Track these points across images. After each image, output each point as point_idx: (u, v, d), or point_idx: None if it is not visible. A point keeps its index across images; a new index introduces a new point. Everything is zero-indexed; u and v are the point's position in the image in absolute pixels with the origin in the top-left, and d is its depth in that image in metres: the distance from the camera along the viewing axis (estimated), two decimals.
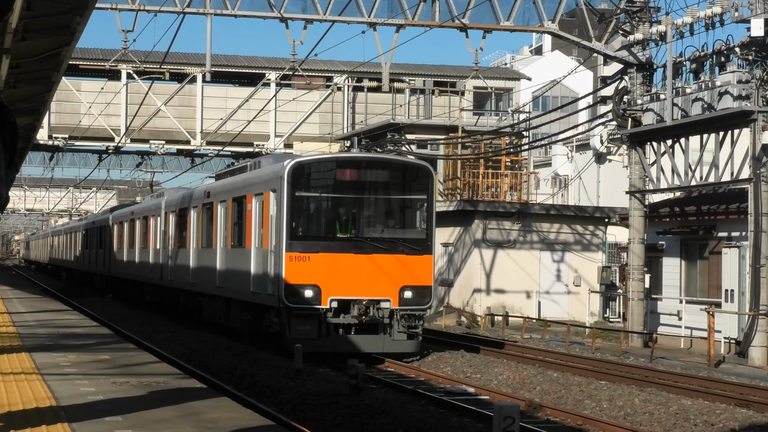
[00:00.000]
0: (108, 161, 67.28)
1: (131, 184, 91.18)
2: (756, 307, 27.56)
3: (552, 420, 17.71)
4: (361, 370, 18.80)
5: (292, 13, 32.31)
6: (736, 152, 28.91)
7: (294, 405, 17.45)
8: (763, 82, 27.78)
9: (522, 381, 21.65)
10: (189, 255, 34.18)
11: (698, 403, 18.76)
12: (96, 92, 48.60)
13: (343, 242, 24.50)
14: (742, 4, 28.27)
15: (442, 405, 18.74)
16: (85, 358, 17.59)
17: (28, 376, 14.71)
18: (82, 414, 11.32)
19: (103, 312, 39.53)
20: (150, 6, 31.98)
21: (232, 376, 21.20)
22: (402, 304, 24.35)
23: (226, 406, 12.44)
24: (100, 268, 56.26)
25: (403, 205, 25.52)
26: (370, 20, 32.29)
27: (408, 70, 54.41)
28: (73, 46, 18.29)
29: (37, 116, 26.88)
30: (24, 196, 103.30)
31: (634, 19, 32.68)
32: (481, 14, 32.75)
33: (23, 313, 29.97)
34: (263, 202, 26.05)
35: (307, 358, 22.52)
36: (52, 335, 22.57)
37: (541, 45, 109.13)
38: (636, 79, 32.71)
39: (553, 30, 33.17)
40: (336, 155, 27.75)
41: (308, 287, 24.07)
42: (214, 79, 50.74)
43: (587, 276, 40.29)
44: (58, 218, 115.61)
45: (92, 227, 60.43)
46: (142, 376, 14.97)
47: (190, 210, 34.47)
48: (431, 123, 49.47)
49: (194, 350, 25.84)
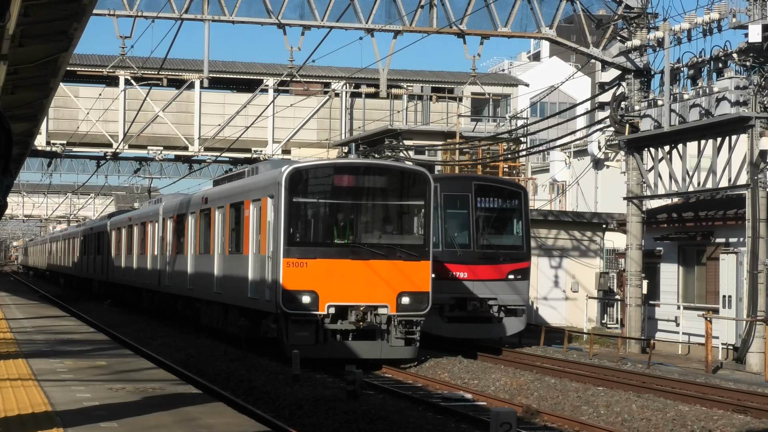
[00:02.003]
0: (106, 167, 67.28)
1: (129, 190, 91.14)
2: (754, 313, 27.55)
3: (549, 426, 17.70)
4: (358, 375, 18.78)
5: (289, 19, 32.30)
6: (734, 158, 28.92)
7: (291, 411, 17.43)
8: (760, 88, 27.79)
9: (519, 387, 21.64)
10: (187, 261, 34.16)
11: (696, 409, 18.75)
12: (94, 98, 48.62)
13: (341, 248, 24.50)
14: (739, 10, 28.29)
15: (439, 411, 18.72)
16: (81, 364, 17.58)
17: (25, 382, 14.70)
18: (78, 420, 11.31)
19: (101, 318, 39.50)
20: (148, 12, 31.96)
21: (230, 381, 21.18)
22: (399, 310, 24.36)
23: (223, 412, 12.44)
24: (98, 274, 56.21)
25: (400, 211, 25.55)
26: (367, 26, 32.29)
27: (406, 76, 54.45)
28: (70, 52, 18.28)
29: (35, 122, 26.85)
30: (22, 202, 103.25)
31: (631, 25, 32.69)
32: (479, 20, 32.75)
33: (21, 319, 29.96)
34: (261, 208, 26.05)
35: (305, 364, 22.49)
36: (49, 341, 22.56)
37: (539, 51, 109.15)
38: (633, 85, 32.73)
39: (550, 36, 33.18)
40: (334, 161, 27.78)
41: (306, 293, 24.06)
42: (212, 85, 50.81)
43: (585, 282, 40.26)
44: (56, 224, 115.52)
45: (90, 233, 60.39)
46: (138, 382, 14.97)
47: (187, 216, 34.46)
48: (429, 129, 49.48)
49: (191, 356, 25.82)
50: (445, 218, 29.91)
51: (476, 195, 30.19)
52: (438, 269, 27.28)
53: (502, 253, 30.05)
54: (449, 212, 30.14)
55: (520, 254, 30.40)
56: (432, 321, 27.44)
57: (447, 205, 30.03)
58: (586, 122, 54.09)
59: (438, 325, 28.92)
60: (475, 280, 29.52)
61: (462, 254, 29.61)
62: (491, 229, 30.57)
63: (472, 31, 32.67)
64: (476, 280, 29.53)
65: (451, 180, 32.57)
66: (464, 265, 29.52)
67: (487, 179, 33.44)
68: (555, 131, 52.58)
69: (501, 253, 30.00)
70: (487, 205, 30.43)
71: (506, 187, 31.66)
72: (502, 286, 29.76)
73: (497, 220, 30.80)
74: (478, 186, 30.55)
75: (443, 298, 28.59)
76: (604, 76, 50.86)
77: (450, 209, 30.17)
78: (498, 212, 30.74)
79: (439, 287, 27.04)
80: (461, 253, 29.59)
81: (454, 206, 30.24)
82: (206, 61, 34.74)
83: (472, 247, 29.81)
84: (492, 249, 30.04)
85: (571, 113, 55.58)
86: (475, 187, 30.36)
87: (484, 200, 30.37)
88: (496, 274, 29.77)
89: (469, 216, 30.06)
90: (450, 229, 30.04)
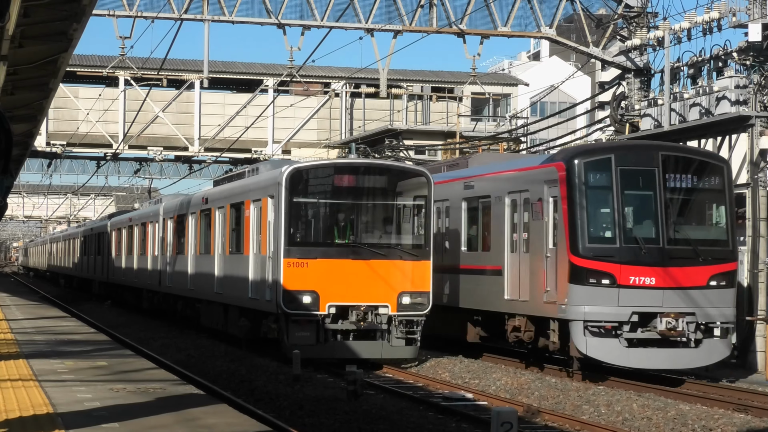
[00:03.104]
0: (106, 168, 67.34)
1: (129, 190, 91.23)
2: (754, 312, 27.54)
3: (550, 425, 17.70)
4: (359, 375, 18.79)
5: (289, 19, 32.33)
6: (734, 157, 28.90)
7: (292, 411, 17.44)
8: (760, 87, 27.80)
9: (520, 386, 21.63)
10: (187, 261, 34.17)
11: (696, 408, 18.75)
12: (94, 99, 48.60)
13: (341, 248, 24.49)
14: (739, 9, 28.29)
15: (440, 410, 18.72)
16: (82, 364, 17.59)
17: (26, 382, 14.70)
18: (79, 421, 11.31)
19: (102, 319, 39.52)
20: (147, 12, 32.00)
21: (230, 382, 21.18)
22: (400, 310, 24.35)
23: (224, 412, 12.44)
24: (99, 274, 56.22)
25: (401, 211, 25.54)
26: (367, 26, 32.31)
27: (406, 76, 54.45)
28: (70, 52, 18.30)
29: (35, 123, 26.87)
30: (22, 203, 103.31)
31: (631, 24, 32.70)
32: (479, 20, 32.77)
33: (21, 320, 29.97)
34: (261, 208, 26.06)
35: (305, 364, 22.50)
36: (49, 342, 22.57)
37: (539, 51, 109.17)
38: (633, 85, 32.73)
39: (550, 36, 33.19)
40: (334, 161, 27.78)
41: (306, 293, 24.06)
42: (212, 85, 50.79)
43: None
44: (56, 225, 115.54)
45: (90, 234, 60.40)
46: (139, 383, 14.97)
47: (188, 216, 34.46)
48: (429, 129, 49.47)
49: (192, 356, 25.83)
50: (623, 202, 22.51)
51: (664, 170, 22.64)
52: (612, 272, 21.93)
53: (703, 250, 22.64)
54: (627, 194, 22.66)
55: (725, 252, 22.92)
56: (607, 346, 21.94)
57: (624, 184, 22.52)
58: (587, 122, 54.11)
59: (615, 350, 22.04)
60: (665, 287, 22.06)
61: (647, 252, 22.11)
62: (685, 218, 23.12)
63: (472, 31, 32.69)
64: (667, 288, 22.06)
65: (629, 151, 23.39)
66: (649, 267, 22.09)
67: (678, 148, 24.76)
68: (555, 131, 52.53)
69: (701, 251, 22.61)
70: (679, 185, 22.82)
71: (704, 159, 23.57)
72: (702, 296, 22.31)
73: (693, 204, 23.27)
74: (666, 158, 22.80)
75: (621, 313, 21.94)
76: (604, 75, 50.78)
77: (628, 190, 22.64)
78: (694, 194, 23.16)
79: (615, 298, 21.85)
80: (646, 251, 22.10)
81: (633, 186, 22.71)
82: (206, 61, 34.79)
83: (661, 243, 22.28)
84: (688, 245, 22.65)
85: (571, 113, 55.59)
86: (663, 160, 22.70)
87: (675, 178, 22.76)
88: (695, 280, 22.37)
89: (656, 199, 22.53)
90: (628, 218, 22.80)
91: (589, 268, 22.07)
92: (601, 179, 22.59)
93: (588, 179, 22.49)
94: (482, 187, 26.50)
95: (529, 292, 23.78)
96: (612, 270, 21.97)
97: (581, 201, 22.31)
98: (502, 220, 25.16)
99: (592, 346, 21.94)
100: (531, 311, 23.85)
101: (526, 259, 24.01)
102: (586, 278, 22.04)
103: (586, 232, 22.25)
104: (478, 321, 27.10)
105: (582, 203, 22.31)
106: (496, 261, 25.31)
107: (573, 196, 22.38)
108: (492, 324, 26.29)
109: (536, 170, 23.95)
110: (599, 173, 22.62)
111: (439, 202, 27.80)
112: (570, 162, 22.64)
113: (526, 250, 24.13)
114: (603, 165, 22.56)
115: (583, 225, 22.24)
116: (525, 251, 24.15)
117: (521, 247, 24.36)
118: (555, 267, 22.68)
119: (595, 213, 22.59)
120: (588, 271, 22.07)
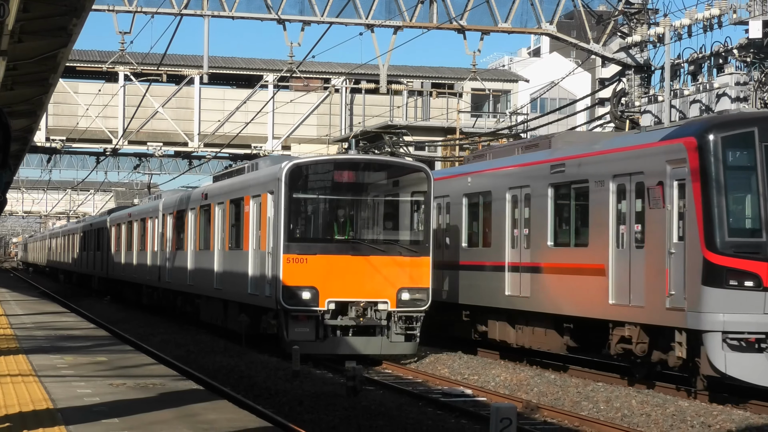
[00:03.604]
0: (106, 163, 67.31)
1: (129, 186, 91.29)
2: None
3: (549, 421, 17.70)
4: (358, 371, 18.78)
5: (289, 14, 32.34)
6: None
7: (291, 407, 17.44)
8: (761, 83, 27.81)
9: (519, 382, 21.64)
10: (186, 257, 34.16)
11: (695, 404, 18.74)
12: (93, 94, 48.59)
13: (341, 244, 24.50)
14: (740, 6, 28.30)
15: (439, 406, 18.72)
16: (82, 360, 17.59)
17: (25, 378, 14.70)
18: (79, 416, 11.31)
19: (101, 314, 39.52)
20: (147, 8, 32.01)
21: (230, 377, 21.19)
22: (400, 306, 24.35)
23: (223, 408, 12.45)
24: (98, 270, 56.24)
25: (400, 207, 25.55)
26: (367, 22, 32.31)
27: (406, 72, 54.44)
28: (70, 47, 18.28)
29: (35, 118, 26.85)
30: (22, 198, 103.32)
31: (632, 20, 32.70)
32: (479, 16, 32.79)
33: (20, 316, 29.97)
34: (261, 204, 26.05)
35: (305, 360, 22.50)
36: (49, 337, 22.57)
37: (539, 47, 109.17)
38: (634, 81, 32.74)
39: (551, 32, 33.19)
40: (333, 157, 27.78)
41: (306, 289, 24.06)
42: (212, 80, 50.80)
43: None
44: (55, 220, 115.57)
45: (90, 229, 60.41)
46: (139, 378, 14.97)
47: (187, 212, 34.46)
48: (429, 125, 49.45)
49: (192, 352, 25.84)
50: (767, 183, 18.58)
51: None
52: (758, 272, 18.25)
53: None
54: None
55: None
56: (750, 363, 18.28)
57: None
58: (587, 118, 54.06)
59: (760, 368, 18.32)
60: None
61: None
62: None
63: (472, 27, 32.70)
64: None
65: None
66: None
67: None
68: (555, 127, 52.49)
69: None
70: None
71: None
72: None
73: None
74: None
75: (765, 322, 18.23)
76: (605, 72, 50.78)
77: None
78: None
79: (761, 303, 18.20)
80: None
81: None
82: (206, 56, 34.80)
83: None
84: None
85: (571, 109, 55.53)
86: None
87: None
88: None
89: None
90: None
91: (729, 267, 18.25)
92: (742, 158, 18.71)
93: (726, 158, 18.58)
94: (576, 170, 22.21)
95: (644, 296, 19.76)
96: (757, 269, 18.23)
97: (720, 185, 18.43)
98: (604, 209, 21.02)
99: (732, 363, 18.17)
100: (647, 319, 19.82)
101: (640, 256, 19.96)
102: (725, 279, 18.22)
103: (726, 223, 18.37)
104: (569, 329, 22.87)
105: (721, 187, 18.42)
106: (598, 259, 21.18)
107: (708, 179, 18.42)
108: (587, 333, 22.49)
109: (654, 147, 19.85)
110: (740, 150, 18.70)
111: (515, 189, 24.56)
112: (703, 137, 18.60)
113: (639, 245, 20.02)
114: (744, 140, 18.62)
115: (722, 214, 18.35)
116: (638, 246, 20.05)
117: (632, 242, 20.25)
118: (682, 266, 18.83)
119: (735, 199, 18.80)
120: (728, 270, 18.26)
